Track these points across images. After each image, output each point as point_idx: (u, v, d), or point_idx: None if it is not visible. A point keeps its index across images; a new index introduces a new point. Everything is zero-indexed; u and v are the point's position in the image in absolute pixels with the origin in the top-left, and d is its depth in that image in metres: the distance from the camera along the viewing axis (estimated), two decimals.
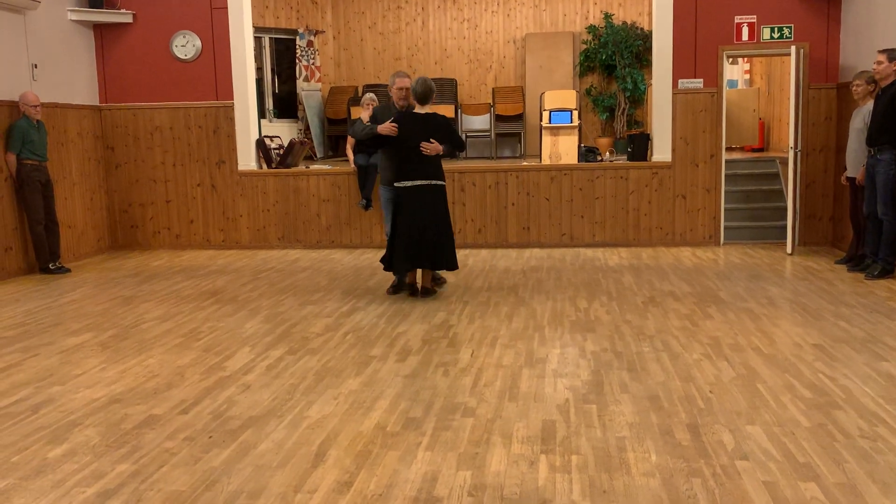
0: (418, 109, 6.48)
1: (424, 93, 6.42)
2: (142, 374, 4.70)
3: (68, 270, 8.27)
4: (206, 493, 3.13)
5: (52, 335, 5.68)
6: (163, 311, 6.39)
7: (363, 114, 7.25)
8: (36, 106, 8.00)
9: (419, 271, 6.76)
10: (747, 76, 13.87)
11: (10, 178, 7.96)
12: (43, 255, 8.13)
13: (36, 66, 8.45)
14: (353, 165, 9.37)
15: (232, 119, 9.52)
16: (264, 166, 9.77)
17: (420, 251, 6.41)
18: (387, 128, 6.36)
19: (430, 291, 6.64)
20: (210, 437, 3.71)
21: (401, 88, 6.64)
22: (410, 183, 6.40)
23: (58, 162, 8.75)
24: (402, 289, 6.76)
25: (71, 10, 9.07)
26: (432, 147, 6.35)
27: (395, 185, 6.48)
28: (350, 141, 9.57)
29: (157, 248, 9.78)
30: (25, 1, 8.06)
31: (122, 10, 9.42)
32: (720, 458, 3.36)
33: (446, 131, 6.50)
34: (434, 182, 6.43)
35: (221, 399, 4.24)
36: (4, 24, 8.00)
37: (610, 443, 3.54)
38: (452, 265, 6.60)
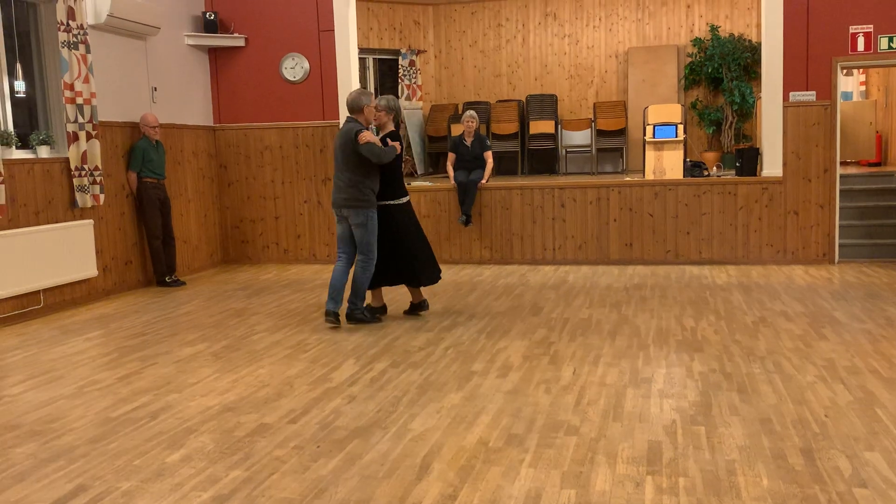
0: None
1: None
2: (253, 384, 4.87)
3: (183, 283, 8.65)
4: (315, 502, 3.21)
5: (168, 345, 5.95)
6: (272, 323, 6.60)
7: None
8: (155, 127, 8.43)
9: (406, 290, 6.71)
10: (863, 88, 13.28)
11: (130, 195, 8.41)
12: (160, 268, 8.53)
13: (155, 89, 8.91)
14: (452, 182, 9.46)
15: None
16: None
17: (379, 269, 6.43)
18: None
19: (413, 310, 6.67)
20: (318, 446, 3.81)
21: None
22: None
23: (174, 180, 9.19)
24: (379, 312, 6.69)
25: (188, 35, 9.53)
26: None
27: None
28: (451, 158, 9.66)
29: (265, 262, 10.12)
30: (147, 28, 8.53)
31: (236, 35, 9.84)
32: (836, 484, 3.22)
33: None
34: (385, 202, 6.39)
35: (328, 410, 4.34)
36: (128, 49, 8.48)
37: (719, 465, 3.44)
38: (413, 280, 6.52)
